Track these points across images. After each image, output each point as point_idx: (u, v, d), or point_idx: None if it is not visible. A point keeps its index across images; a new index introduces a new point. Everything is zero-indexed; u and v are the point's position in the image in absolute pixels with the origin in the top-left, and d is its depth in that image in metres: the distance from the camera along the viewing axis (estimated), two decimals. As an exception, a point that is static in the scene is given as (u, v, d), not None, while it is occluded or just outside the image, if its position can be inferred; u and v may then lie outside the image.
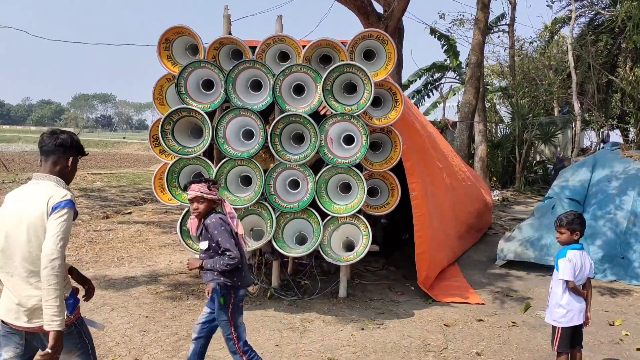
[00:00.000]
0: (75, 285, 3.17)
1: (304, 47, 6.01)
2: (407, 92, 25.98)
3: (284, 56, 6.33)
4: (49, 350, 2.71)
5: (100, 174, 20.03)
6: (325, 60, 6.32)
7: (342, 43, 6.05)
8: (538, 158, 20.99)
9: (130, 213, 11.82)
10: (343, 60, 5.94)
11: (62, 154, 2.97)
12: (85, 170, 21.63)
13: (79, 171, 18.41)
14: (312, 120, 5.81)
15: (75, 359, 3.02)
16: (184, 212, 6.11)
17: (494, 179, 19.14)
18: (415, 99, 25.96)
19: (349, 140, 6.08)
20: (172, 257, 8.28)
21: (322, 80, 5.81)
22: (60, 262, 2.73)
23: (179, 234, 6.06)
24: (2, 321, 2.90)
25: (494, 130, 22.34)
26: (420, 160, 6.81)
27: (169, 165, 6.02)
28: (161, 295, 6.44)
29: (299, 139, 6.19)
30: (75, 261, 7.64)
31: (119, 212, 11.90)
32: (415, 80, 25.06)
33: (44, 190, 2.86)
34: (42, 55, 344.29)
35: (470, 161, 18.21)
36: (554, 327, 4.27)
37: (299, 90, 6.14)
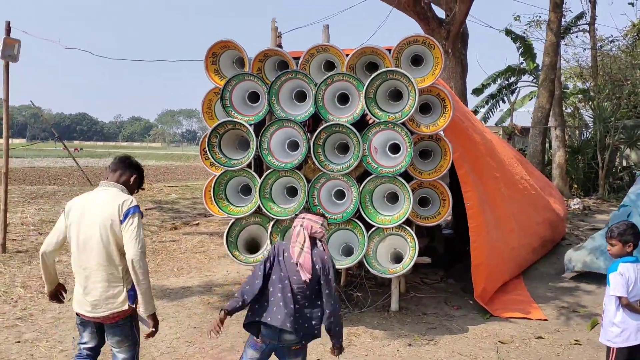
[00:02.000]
0: None
1: (347, 55, 5.92)
2: (481, 97, 25.19)
3: (330, 65, 6.27)
4: (153, 329, 3.47)
5: (177, 186, 20.74)
6: (372, 68, 6.19)
7: (387, 49, 5.91)
8: (624, 163, 19.67)
9: (197, 224, 12.13)
10: (388, 67, 5.80)
11: (127, 169, 3.56)
12: (162, 183, 22.53)
13: (156, 184, 19.03)
14: (354, 129, 5.70)
15: (125, 347, 3.53)
16: (231, 223, 6.16)
17: (575, 186, 18.10)
18: (490, 103, 25.14)
19: (395, 148, 5.91)
20: (229, 267, 8.39)
21: (365, 88, 5.69)
22: (144, 261, 3.32)
23: (225, 245, 6.11)
24: (77, 313, 3.51)
25: (577, 135, 21.20)
26: (473, 168, 6.52)
27: (216, 178, 6.10)
28: (213, 305, 6.52)
29: (344, 148, 6.10)
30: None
31: (188, 223, 12.25)
32: (490, 84, 24.25)
33: (112, 196, 3.40)
34: (131, 74, 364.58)
35: (548, 168, 17.33)
36: (608, 348, 3.92)
37: (344, 99, 6.05)
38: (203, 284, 7.48)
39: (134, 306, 3.48)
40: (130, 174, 3.56)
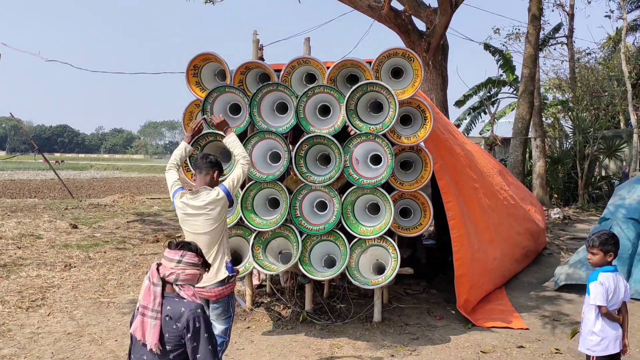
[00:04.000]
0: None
1: (328, 68, 5.96)
2: (463, 109, 25.48)
3: (311, 78, 6.31)
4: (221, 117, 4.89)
5: (160, 198, 20.61)
6: (353, 80, 6.24)
7: (367, 62, 5.97)
8: (603, 173, 19.97)
9: (180, 237, 12.04)
10: (368, 80, 5.85)
11: (211, 169, 4.30)
12: (145, 195, 22.36)
13: (138, 196, 18.84)
14: (335, 141, 5.73)
15: (222, 321, 4.14)
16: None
17: (555, 196, 18.32)
18: (471, 115, 25.41)
19: (376, 160, 5.95)
20: (212, 280, 8.33)
21: (345, 100, 5.73)
22: (248, 157, 4.56)
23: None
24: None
25: (557, 145, 21.49)
26: (453, 179, 6.58)
27: (197, 190, 6.07)
28: (194, 319, 6.45)
29: (326, 160, 6.13)
30: (117, 284, 7.81)
31: (170, 235, 12.15)
32: (471, 95, 24.53)
33: (205, 194, 4.18)
34: (113, 86, 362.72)
35: (528, 178, 17.52)
36: (587, 356, 3.96)
37: (325, 111, 6.09)
38: (185, 297, 7.41)
39: (230, 278, 4.18)
40: (213, 171, 4.30)
